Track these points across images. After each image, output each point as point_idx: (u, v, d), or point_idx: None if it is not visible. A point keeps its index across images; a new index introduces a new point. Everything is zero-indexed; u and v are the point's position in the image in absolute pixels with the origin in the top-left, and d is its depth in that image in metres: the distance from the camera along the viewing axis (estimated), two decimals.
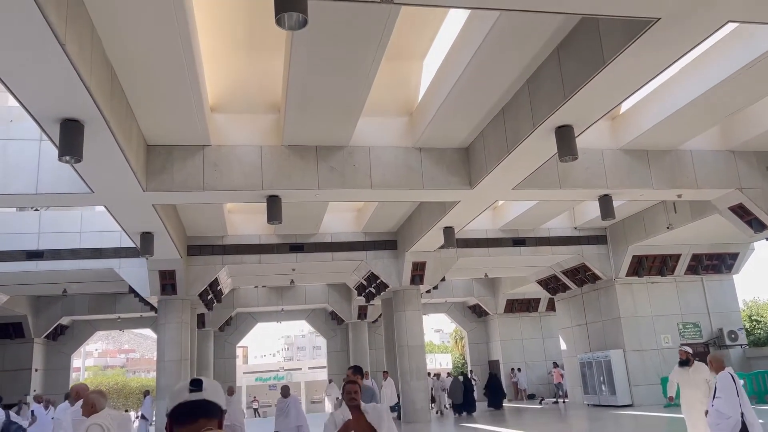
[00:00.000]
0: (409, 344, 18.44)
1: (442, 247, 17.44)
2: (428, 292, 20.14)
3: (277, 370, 47.90)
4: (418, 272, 18.23)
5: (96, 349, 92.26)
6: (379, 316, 28.64)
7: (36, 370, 24.52)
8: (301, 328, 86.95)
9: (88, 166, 9.65)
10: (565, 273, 21.29)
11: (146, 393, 18.02)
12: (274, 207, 11.67)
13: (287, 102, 10.00)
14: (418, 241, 16.73)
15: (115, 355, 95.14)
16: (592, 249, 19.61)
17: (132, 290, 17.55)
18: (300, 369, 48.47)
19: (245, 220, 18.11)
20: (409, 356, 18.35)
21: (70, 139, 7.81)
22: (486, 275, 22.83)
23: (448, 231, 15.07)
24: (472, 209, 13.82)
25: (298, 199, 12.15)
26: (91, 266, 16.74)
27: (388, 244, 18.75)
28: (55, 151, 9.46)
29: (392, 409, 17.50)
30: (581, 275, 20.63)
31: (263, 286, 26.88)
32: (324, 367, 40.02)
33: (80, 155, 7.86)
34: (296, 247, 18.14)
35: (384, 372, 19.04)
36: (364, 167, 11.73)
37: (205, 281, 17.54)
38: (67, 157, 7.82)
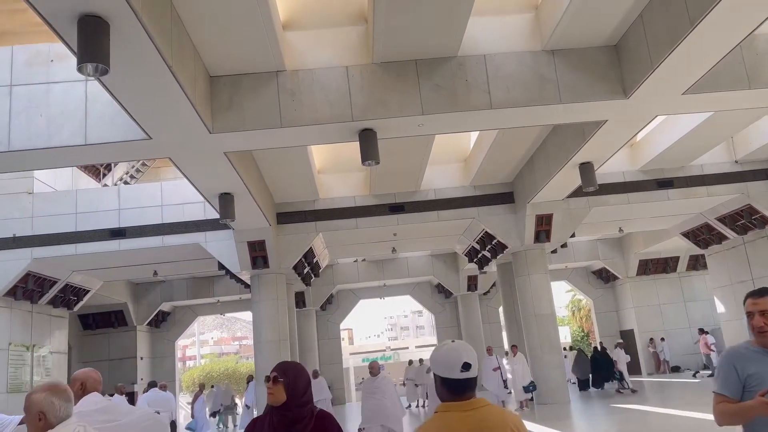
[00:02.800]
0: (537, 313, 15.60)
1: (573, 194, 14.46)
2: (553, 252, 17.12)
3: (384, 350, 46.37)
4: (542, 227, 15.30)
5: (212, 338, 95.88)
6: (492, 286, 25.90)
7: (141, 359, 23.99)
8: (403, 308, 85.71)
9: (141, 104, 7.73)
10: (722, 219, 17.49)
11: (250, 378, 16.45)
12: (368, 143, 9.26)
13: (375, 6, 7.55)
14: (543, 188, 13.81)
15: (229, 343, 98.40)
16: (759, 186, 15.75)
17: (222, 267, 15.92)
18: (407, 348, 46.61)
19: (337, 181, 15.94)
20: (538, 327, 15.53)
21: (92, 40, 5.71)
22: (620, 230, 19.37)
23: (586, 168, 12.04)
24: (621, 132, 10.73)
25: (397, 133, 9.66)
26: (176, 242, 15.22)
27: (504, 197, 15.91)
28: (105, 94, 7.63)
29: (526, 389, 14.77)
30: (745, 220, 16.79)
31: (363, 260, 24.88)
32: (433, 345, 37.85)
33: (106, 62, 5.74)
34: (396, 208, 15.75)
35: (512, 346, 16.33)
36: (479, 82, 9.03)
37: (298, 252, 15.58)
38: (90, 66, 5.73)
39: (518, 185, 15.53)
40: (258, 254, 14.92)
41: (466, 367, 2.16)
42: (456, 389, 2.19)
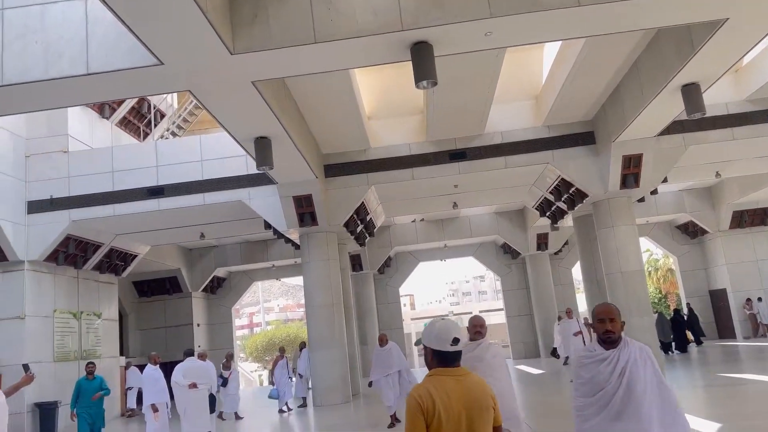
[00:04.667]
0: (623, 270, 13.58)
1: (666, 131, 12.28)
2: (640, 201, 14.92)
3: (446, 315, 44.95)
4: (630, 171, 13.16)
5: (277, 305, 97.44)
6: (564, 245, 23.80)
7: (198, 325, 23.41)
8: (465, 273, 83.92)
9: (147, 22, 6.31)
10: None
11: (303, 345, 15.25)
12: (423, 59, 7.50)
13: None
14: (632, 122, 11.68)
15: (294, 309, 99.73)
16: None
17: (268, 226, 14.65)
18: (470, 312, 45.01)
19: (389, 127, 14.27)
20: (625, 286, 13.53)
21: None
22: (717, 175, 16.85)
23: (691, 91, 9.85)
24: (740, 40, 8.48)
25: (458, 47, 7.84)
26: (218, 199, 14.02)
27: (583, 137, 13.81)
28: (108, 14, 6.23)
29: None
30: None
31: (421, 220, 23.25)
32: (497, 309, 36.28)
33: None
34: (457, 155, 13.94)
35: (567, 310, 14.46)
36: None
37: (349, 207, 14.08)
38: None
39: (600, 122, 13.38)
40: (305, 210, 13.53)
41: (456, 341, 2.61)
42: (446, 359, 2.62)
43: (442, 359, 2.61)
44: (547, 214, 16.63)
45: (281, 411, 13.62)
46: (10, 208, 13.60)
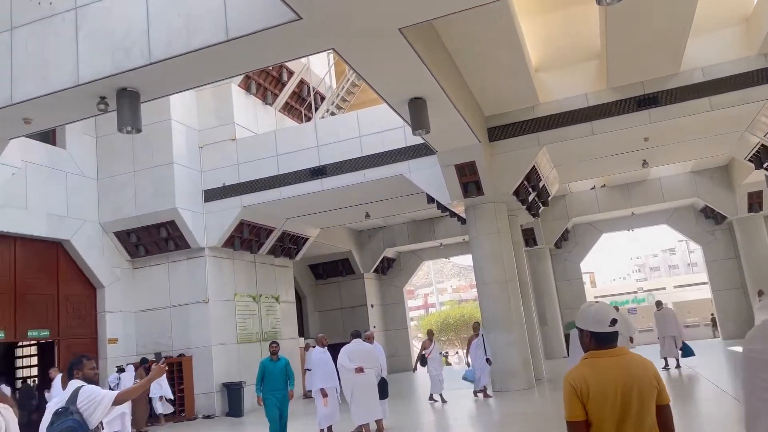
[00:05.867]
0: None
1: None
2: None
3: (635, 292, 40.95)
4: None
5: (450, 286, 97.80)
6: None
7: (372, 306, 23.48)
8: (652, 247, 76.62)
9: None
10: None
11: (476, 326, 13.86)
12: None
13: None
14: None
15: (467, 290, 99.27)
16: None
17: (431, 199, 13.75)
18: (663, 288, 40.46)
19: (561, 78, 12.54)
20: None
21: None
22: None
23: None
24: None
25: None
26: (378, 175, 13.43)
27: None
28: None
29: None
30: None
31: (603, 186, 20.86)
32: (700, 284, 32.01)
33: None
34: (646, 101, 11.80)
35: (758, 291, 11.49)
36: None
37: (518, 173, 12.66)
38: None
39: None
40: (469, 179, 12.38)
41: (613, 322, 2.63)
42: (604, 341, 2.63)
43: (600, 341, 2.63)
44: (765, 165, 13.65)
45: (477, 393, 12.39)
46: (188, 197, 14.27)
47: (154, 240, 14.50)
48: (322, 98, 18.50)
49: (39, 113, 8.02)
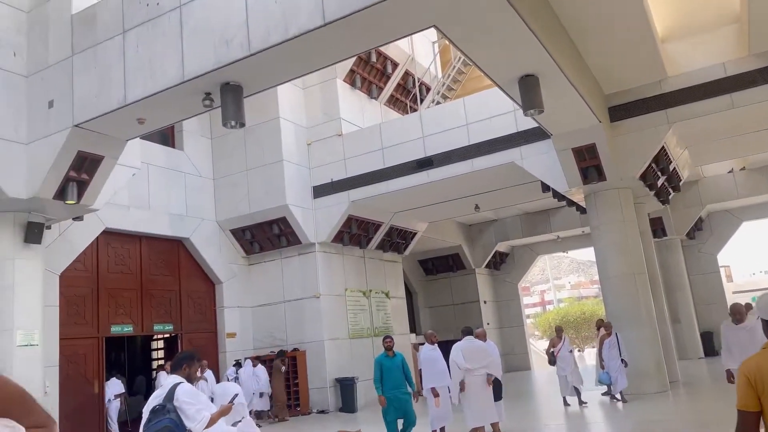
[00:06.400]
0: None
1: None
2: None
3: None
4: None
5: (569, 282, 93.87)
6: None
7: (485, 302, 22.72)
8: None
9: None
10: None
11: (600, 324, 12.54)
12: None
13: None
14: None
15: (588, 286, 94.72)
16: None
17: (546, 188, 12.87)
18: None
19: (692, 48, 11.23)
20: None
21: None
22: None
23: None
24: None
25: None
26: (487, 164, 12.77)
27: None
28: None
29: None
30: None
31: (741, 169, 18.72)
32: None
33: None
34: None
35: None
36: None
37: (645, 155, 11.47)
38: None
39: None
40: (588, 163, 11.38)
41: None
42: None
43: None
44: None
45: (613, 397, 11.19)
46: (298, 194, 14.41)
47: (267, 236, 14.80)
48: (428, 89, 18.07)
49: (151, 112, 8.25)
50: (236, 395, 4.29)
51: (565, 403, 11.35)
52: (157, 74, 7.74)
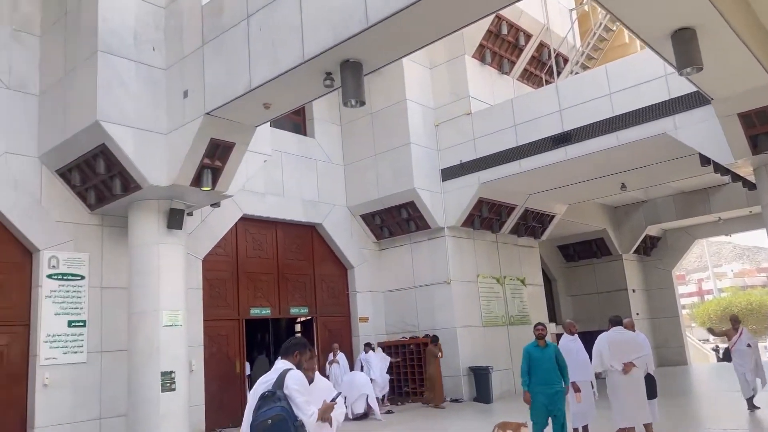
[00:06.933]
0: None
1: None
2: None
3: None
4: None
5: (731, 270, 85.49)
6: None
7: (633, 291, 20.94)
8: None
9: None
10: None
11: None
12: None
13: None
14: None
15: (753, 275, 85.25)
16: None
17: (705, 161, 11.29)
18: None
19: None
20: None
21: None
22: None
23: None
24: None
25: None
26: (634, 136, 11.48)
27: None
28: None
29: None
30: None
31: None
32: None
33: None
34: None
35: None
36: None
37: None
38: None
39: None
40: (759, 130, 9.73)
41: None
42: None
43: None
44: None
45: None
46: (426, 177, 14.04)
47: (396, 221, 14.62)
48: (565, 60, 16.78)
49: (275, 96, 8.26)
50: (339, 394, 3.96)
51: (751, 407, 9.85)
52: (279, 57, 7.69)
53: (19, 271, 9.62)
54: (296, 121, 14.89)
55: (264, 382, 3.77)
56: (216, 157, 9.32)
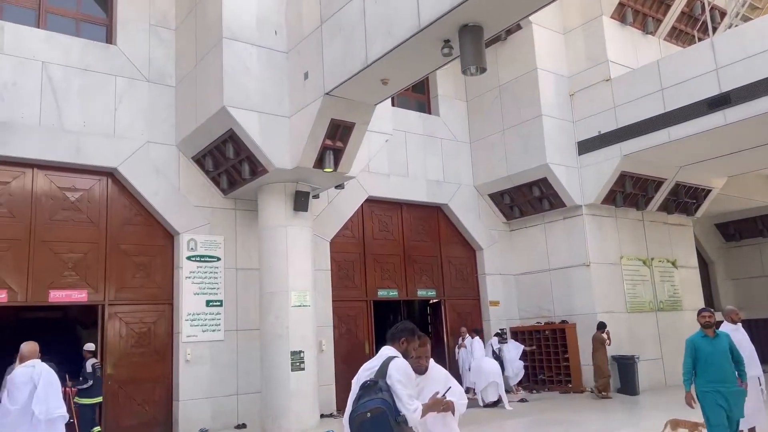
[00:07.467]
0: None
1: None
2: None
3: None
4: None
5: None
6: None
7: None
8: None
9: None
10: None
11: None
12: None
13: None
14: None
15: None
16: None
17: None
18: None
19: None
20: None
21: None
22: None
23: None
24: None
25: None
26: None
27: None
28: None
29: None
30: None
31: None
32: None
33: None
34: None
35: None
36: None
37: None
38: None
39: None
40: None
41: None
42: None
43: None
44: None
45: None
46: (561, 151, 13.05)
47: (527, 200, 13.79)
48: (722, 14, 14.77)
49: (392, 70, 7.93)
50: (450, 388, 3.53)
51: None
52: (394, 28, 7.35)
53: (162, 253, 10.26)
54: (420, 100, 14.52)
55: (367, 369, 3.47)
56: (337, 138, 9.24)
